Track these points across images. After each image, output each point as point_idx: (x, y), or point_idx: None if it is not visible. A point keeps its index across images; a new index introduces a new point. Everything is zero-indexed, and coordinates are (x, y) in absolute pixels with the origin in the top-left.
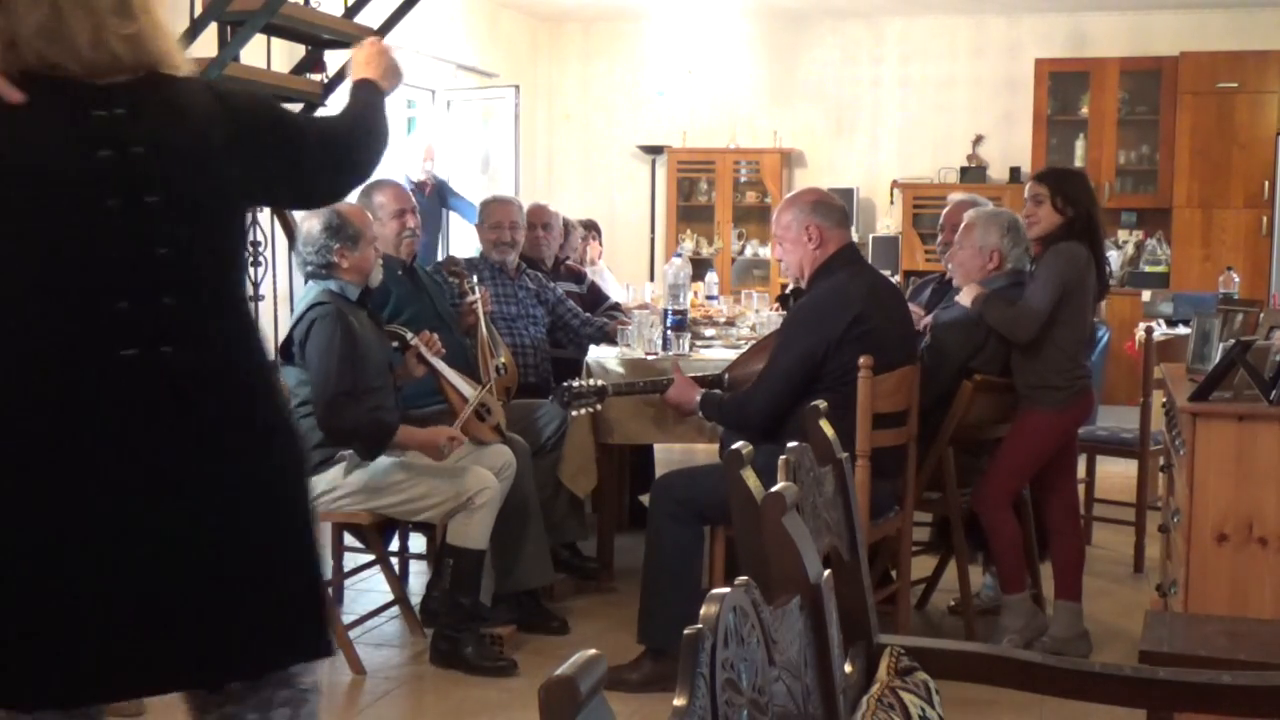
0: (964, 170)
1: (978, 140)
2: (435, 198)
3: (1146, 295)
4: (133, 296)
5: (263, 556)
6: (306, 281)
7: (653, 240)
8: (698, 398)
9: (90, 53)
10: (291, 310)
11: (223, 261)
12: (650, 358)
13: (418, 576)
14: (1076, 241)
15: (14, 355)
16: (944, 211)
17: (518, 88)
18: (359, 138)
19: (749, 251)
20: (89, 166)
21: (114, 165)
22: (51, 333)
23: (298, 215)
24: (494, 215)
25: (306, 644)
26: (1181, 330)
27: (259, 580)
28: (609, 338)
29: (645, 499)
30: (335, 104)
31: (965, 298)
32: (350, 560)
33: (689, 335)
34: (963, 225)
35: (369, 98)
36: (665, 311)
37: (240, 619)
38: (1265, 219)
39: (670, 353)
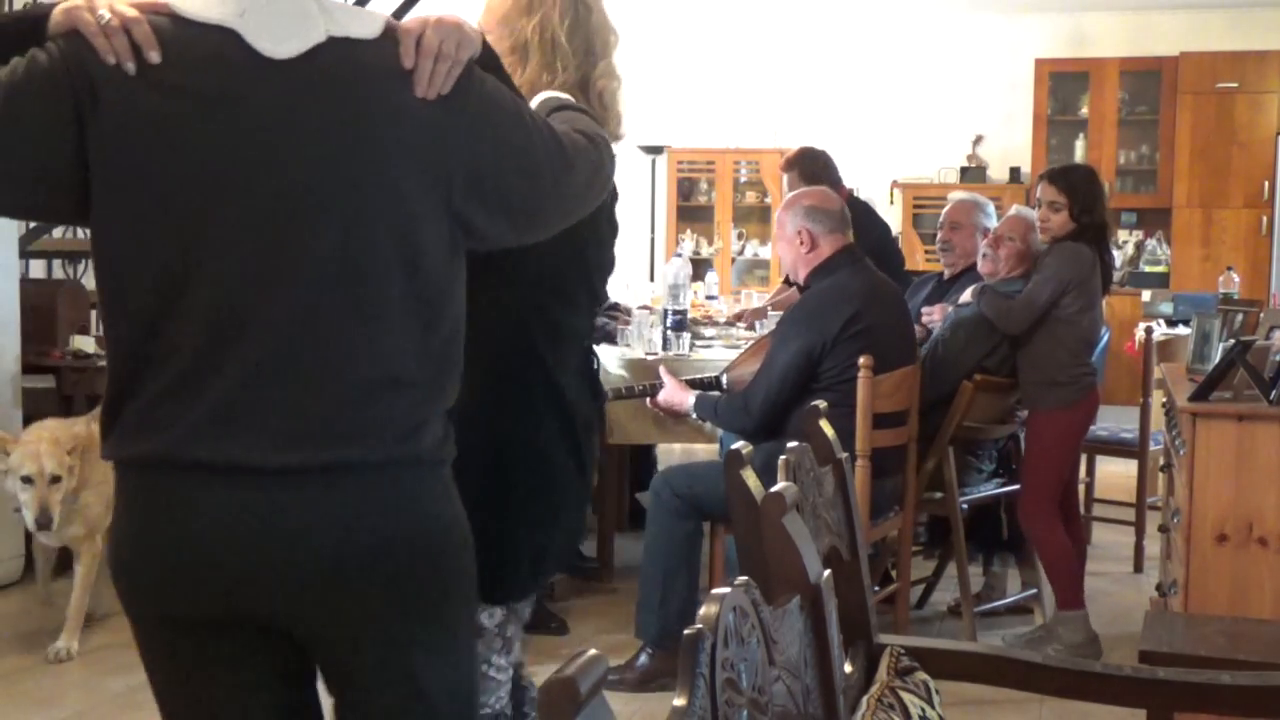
0: (964, 170)
1: (978, 140)
2: None
3: (1146, 295)
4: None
5: None
6: None
7: (653, 240)
8: (690, 400)
9: None
10: None
11: None
12: (650, 358)
13: None
14: (1083, 243)
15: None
16: (945, 209)
17: None
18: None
19: (749, 251)
20: None
21: None
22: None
23: None
24: None
25: None
26: (1181, 330)
27: None
28: (609, 338)
29: (643, 497)
30: None
31: (969, 294)
32: None
33: (689, 335)
34: (1014, 215)
35: None
36: (665, 311)
37: None
38: (1265, 219)
39: (670, 353)
